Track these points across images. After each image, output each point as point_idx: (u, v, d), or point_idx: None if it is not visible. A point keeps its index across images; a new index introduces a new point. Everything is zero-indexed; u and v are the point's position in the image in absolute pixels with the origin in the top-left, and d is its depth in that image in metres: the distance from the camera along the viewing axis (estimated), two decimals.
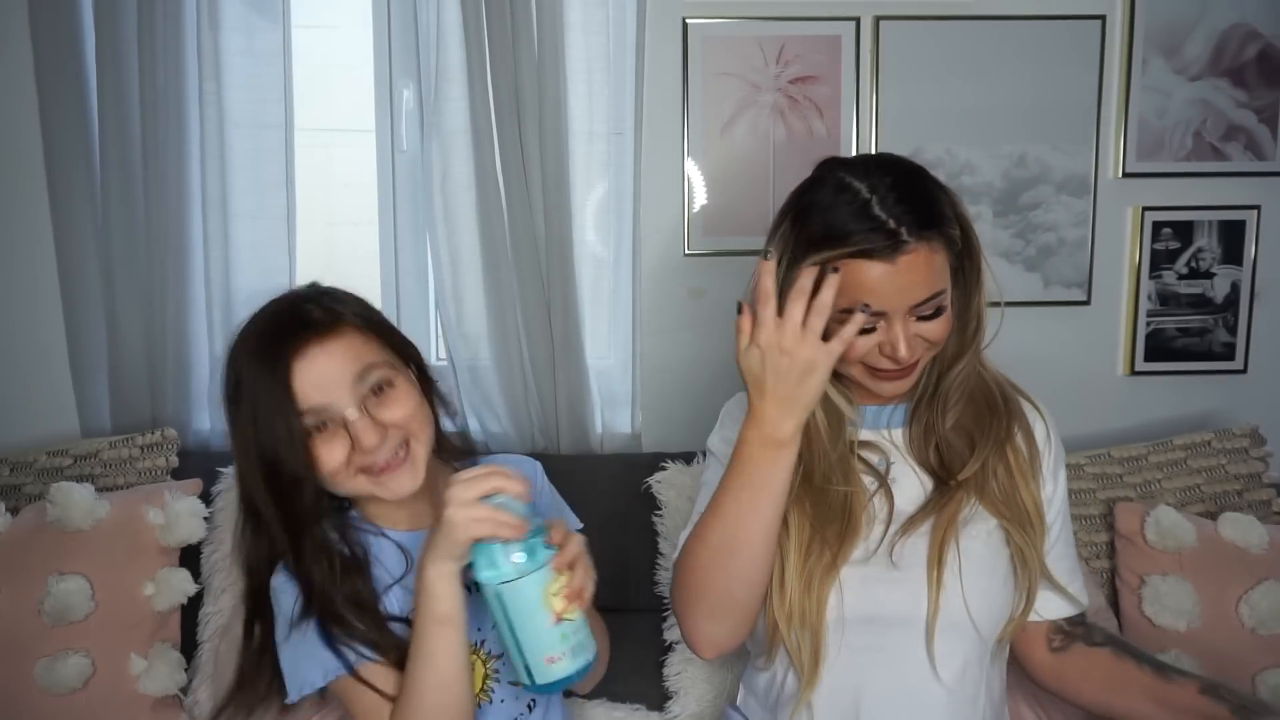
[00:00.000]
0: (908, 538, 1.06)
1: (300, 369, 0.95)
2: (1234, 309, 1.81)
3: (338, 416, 0.97)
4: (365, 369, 0.98)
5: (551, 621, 0.90)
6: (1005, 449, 1.09)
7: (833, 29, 1.74)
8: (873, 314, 0.99)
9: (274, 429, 0.96)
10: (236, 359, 1.00)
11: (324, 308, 1.00)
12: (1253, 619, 1.42)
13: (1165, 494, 1.60)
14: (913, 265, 0.98)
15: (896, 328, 1.00)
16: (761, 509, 0.99)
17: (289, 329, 0.98)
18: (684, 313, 1.81)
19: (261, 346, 0.98)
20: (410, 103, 1.78)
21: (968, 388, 1.10)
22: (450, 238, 1.72)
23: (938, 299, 1.01)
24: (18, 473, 1.63)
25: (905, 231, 0.97)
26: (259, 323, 1.01)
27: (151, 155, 1.68)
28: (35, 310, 1.77)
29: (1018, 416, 1.11)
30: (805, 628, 1.04)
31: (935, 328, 1.03)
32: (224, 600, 1.50)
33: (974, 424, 1.09)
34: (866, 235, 0.97)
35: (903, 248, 0.97)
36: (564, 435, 1.75)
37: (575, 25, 1.68)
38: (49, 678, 1.40)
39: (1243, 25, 1.75)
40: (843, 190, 1.00)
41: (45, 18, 1.67)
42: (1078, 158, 1.77)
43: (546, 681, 0.92)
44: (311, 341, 0.96)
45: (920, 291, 0.99)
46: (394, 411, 1.00)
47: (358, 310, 1.03)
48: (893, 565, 1.05)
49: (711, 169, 1.77)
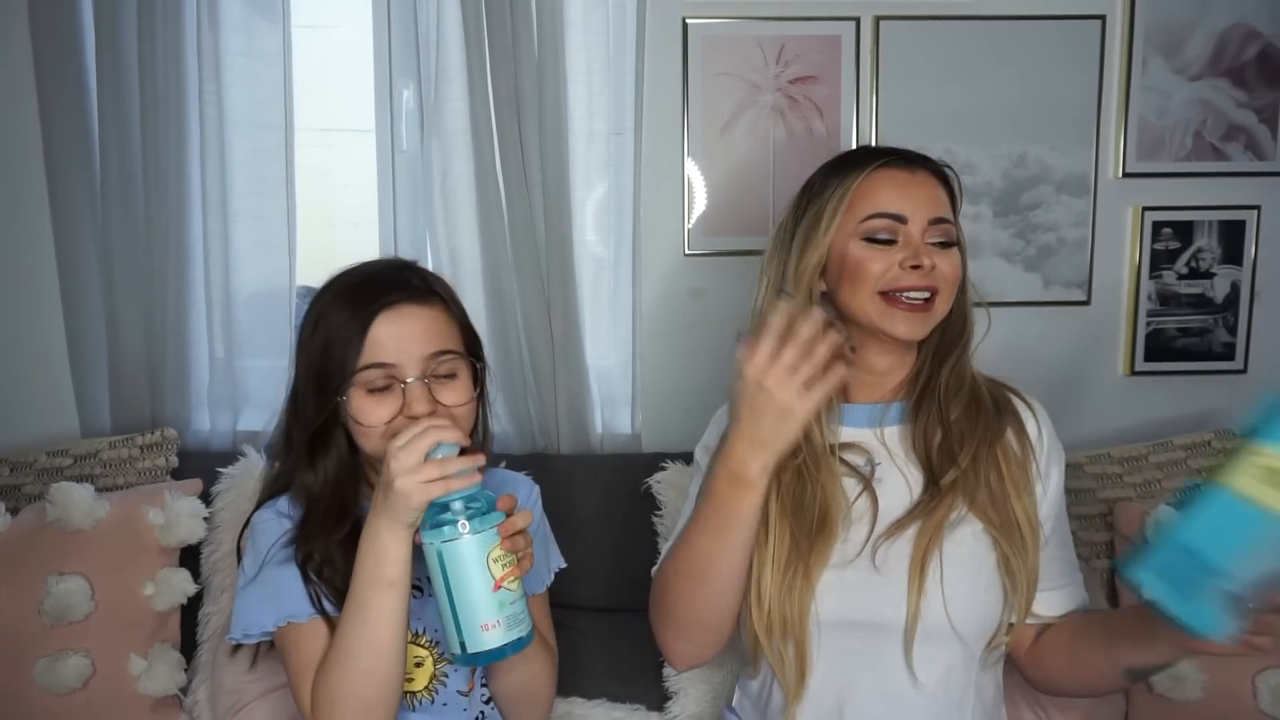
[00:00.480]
0: (892, 542, 1.04)
1: (385, 320, 0.98)
2: (1234, 309, 1.81)
3: (400, 378, 0.98)
4: (441, 351, 1.00)
5: (491, 587, 0.90)
6: (996, 451, 1.07)
7: (833, 29, 1.74)
8: (893, 220, 1.04)
9: (339, 361, 0.98)
10: (323, 297, 1.03)
11: (424, 280, 1.04)
12: None
13: (1165, 494, 1.60)
14: (928, 183, 1.07)
15: (916, 237, 1.05)
16: (728, 545, 0.99)
17: (386, 285, 1.01)
18: (684, 313, 1.81)
19: (354, 292, 1.00)
20: (410, 103, 1.78)
21: (967, 379, 1.10)
22: (450, 238, 1.72)
23: (950, 226, 1.07)
24: (18, 473, 1.63)
25: (918, 160, 1.08)
26: (356, 273, 1.04)
27: (151, 155, 1.68)
28: (35, 310, 1.77)
29: (1009, 415, 1.10)
30: (788, 638, 1.03)
31: (950, 261, 1.06)
32: (224, 600, 1.50)
33: (965, 424, 1.08)
34: (885, 155, 1.08)
35: (918, 165, 1.08)
36: (564, 435, 1.75)
37: (575, 25, 1.68)
38: (49, 678, 1.40)
39: (1243, 25, 1.75)
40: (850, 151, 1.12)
41: (45, 18, 1.67)
42: (1078, 158, 1.77)
43: (478, 650, 0.91)
44: (404, 301, 0.99)
45: (937, 207, 1.06)
46: (453, 396, 1.01)
47: (451, 297, 1.06)
48: (875, 569, 1.03)
49: (711, 169, 1.77)
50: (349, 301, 1.00)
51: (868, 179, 1.07)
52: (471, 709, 1.10)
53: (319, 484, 1.04)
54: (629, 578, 1.58)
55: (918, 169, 1.08)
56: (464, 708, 1.09)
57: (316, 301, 1.04)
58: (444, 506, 0.91)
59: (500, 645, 0.91)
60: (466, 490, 0.91)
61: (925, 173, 1.08)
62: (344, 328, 0.98)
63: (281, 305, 1.75)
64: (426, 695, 1.06)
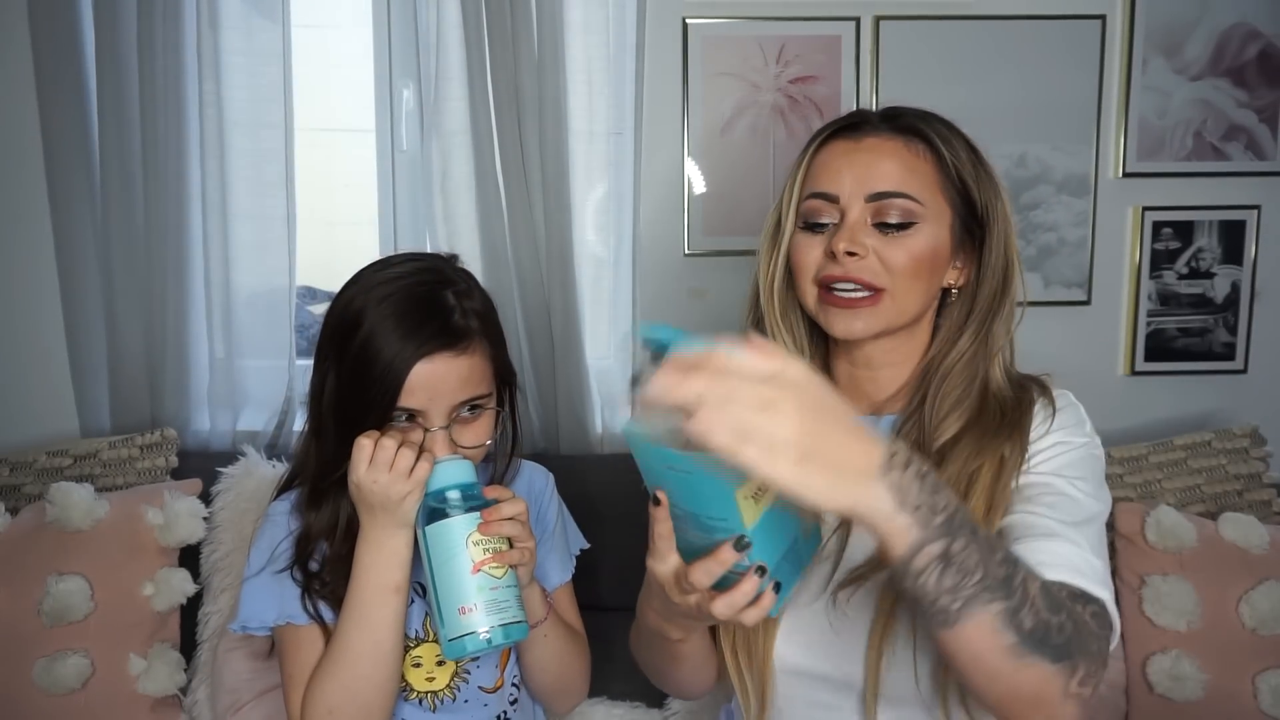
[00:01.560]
0: (858, 589, 0.90)
1: (420, 371, 0.95)
2: (1234, 309, 1.81)
3: (424, 425, 0.98)
4: (472, 398, 0.99)
5: (470, 570, 0.90)
6: (987, 479, 0.90)
7: (833, 29, 1.74)
8: (822, 200, 0.92)
9: (369, 392, 0.96)
10: (367, 307, 0.97)
11: (465, 312, 0.99)
12: (1253, 619, 1.42)
13: (1165, 494, 1.60)
14: (879, 149, 0.91)
15: (851, 217, 0.90)
16: (678, 653, 0.94)
17: (429, 324, 0.96)
18: (684, 313, 1.81)
19: (400, 323, 0.96)
20: (410, 103, 1.78)
21: (967, 398, 0.94)
22: (450, 238, 1.72)
23: (905, 204, 0.90)
24: (17, 473, 1.63)
25: (877, 119, 0.92)
26: (402, 286, 0.98)
27: (151, 155, 1.68)
28: (35, 310, 1.77)
29: (1015, 430, 0.93)
30: (751, 668, 0.95)
31: (898, 249, 0.90)
32: (224, 600, 1.50)
33: (957, 448, 0.92)
34: (837, 121, 0.95)
35: (868, 129, 0.92)
36: (564, 435, 1.75)
37: (575, 25, 1.68)
38: (48, 678, 1.39)
39: (1243, 25, 1.75)
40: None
41: (45, 18, 1.67)
42: (1078, 158, 1.77)
43: (457, 634, 0.90)
44: (443, 351, 0.96)
45: (881, 180, 0.90)
46: (472, 437, 1.01)
47: (489, 324, 1.03)
48: (836, 616, 0.91)
49: (711, 169, 1.77)
50: (393, 331, 0.95)
51: (814, 155, 0.95)
52: (494, 706, 1.09)
53: (325, 525, 1.04)
54: (628, 577, 1.57)
55: (867, 134, 0.92)
56: (485, 703, 1.08)
57: (354, 303, 0.98)
58: (438, 497, 0.93)
59: (476, 632, 0.89)
60: (454, 481, 0.93)
61: (876, 138, 0.92)
62: (384, 366, 0.95)
63: (281, 305, 1.74)
64: (449, 693, 1.07)
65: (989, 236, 0.95)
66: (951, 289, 0.99)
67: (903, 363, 0.99)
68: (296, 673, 1.00)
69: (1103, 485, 0.94)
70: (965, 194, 0.94)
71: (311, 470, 1.04)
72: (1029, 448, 0.92)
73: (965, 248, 0.97)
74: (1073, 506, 0.88)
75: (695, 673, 1.00)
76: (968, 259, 0.98)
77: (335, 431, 0.99)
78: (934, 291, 0.97)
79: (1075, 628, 0.74)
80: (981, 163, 0.95)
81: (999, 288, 0.95)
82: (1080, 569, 0.82)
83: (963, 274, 0.98)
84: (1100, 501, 0.92)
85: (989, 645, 0.70)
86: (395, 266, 1.02)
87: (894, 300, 0.92)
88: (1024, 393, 0.97)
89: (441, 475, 0.94)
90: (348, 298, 1.00)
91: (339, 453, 0.97)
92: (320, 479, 1.02)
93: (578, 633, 1.16)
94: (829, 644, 0.91)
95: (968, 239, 0.96)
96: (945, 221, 0.94)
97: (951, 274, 0.98)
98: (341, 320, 0.99)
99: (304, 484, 1.06)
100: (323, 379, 1.00)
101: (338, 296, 1.02)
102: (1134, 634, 1.45)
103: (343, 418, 0.98)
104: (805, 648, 0.93)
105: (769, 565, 0.73)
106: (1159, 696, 1.42)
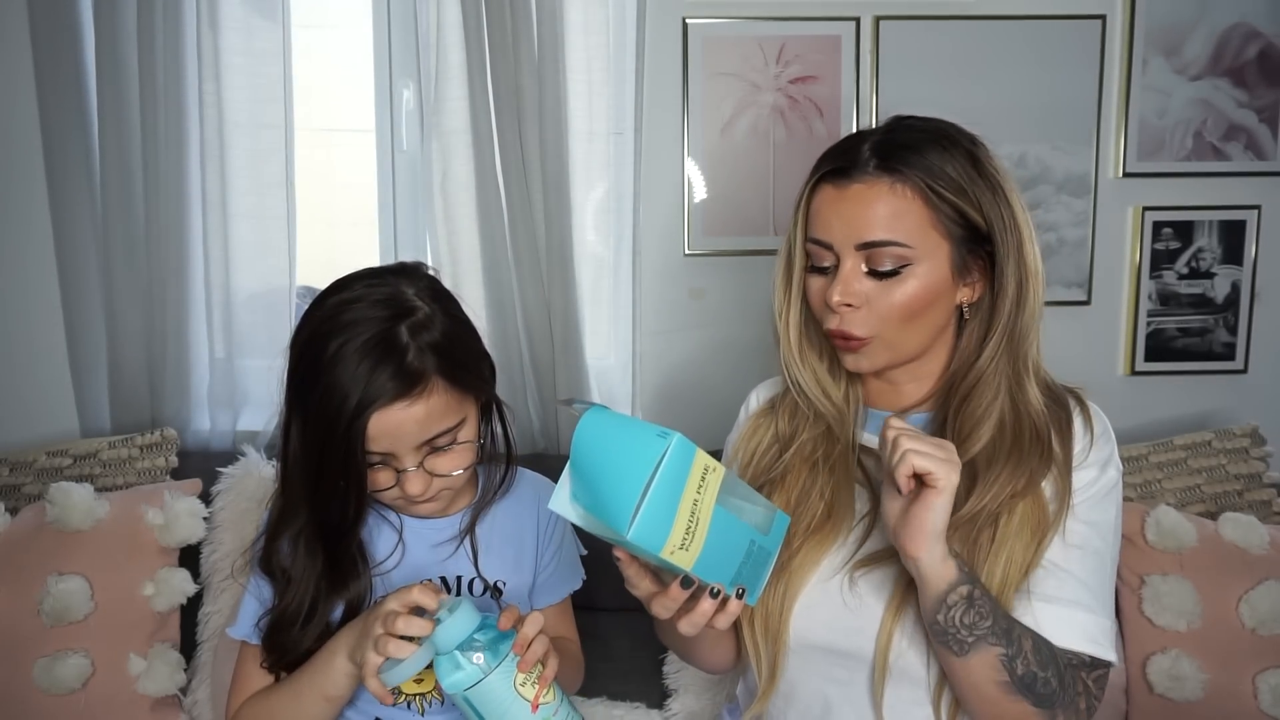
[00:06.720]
0: (873, 570, 0.95)
1: (377, 422, 0.93)
2: (1234, 309, 1.81)
3: (396, 466, 0.98)
4: (437, 434, 0.98)
5: (530, 711, 0.87)
6: (1021, 502, 0.93)
7: (833, 29, 1.74)
8: (821, 247, 0.94)
9: (335, 452, 0.95)
10: (321, 355, 0.93)
11: (420, 350, 0.94)
12: (1253, 619, 1.42)
13: (1165, 494, 1.60)
14: (864, 197, 0.91)
15: (846, 267, 0.92)
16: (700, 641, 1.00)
17: (379, 373, 0.92)
18: (684, 313, 1.81)
19: (351, 375, 0.92)
20: (410, 103, 1.78)
21: (995, 409, 0.95)
22: (450, 238, 1.72)
23: (895, 250, 0.91)
24: (17, 473, 1.63)
25: (866, 160, 0.91)
26: (355, 330, 0.94)
27: (151, 155, 1.68)
28: (35, 310, 1.77)
29: (1050, 453, 0.95)
30: (766, 640, 0.98)
31: (891, 295, 0.92)
32: (223, 600, 1.50)
33: (990, 462, 0.93)
34: (830, 159, 0.94)
35: (854, 174, 0.91)
36: (564, 435, 1.75)
37: (575, 25, 1.68)
38: (48, 678, 1.39)
39: (1243, 25, 1.75)
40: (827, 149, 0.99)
41: (45, 18, 1.67)
42: (1078, 157, 1.77)
43: None
44: (396, 401, 0.93)
45: (868, 230, 0.90)
46: (450, 465, 1.00)
47: (451, 353, 0.97)
48: (850, 594, 0.95)
49: (711, 169, 1.77)
50: (349, 384, 0.92)
51: (811, 196, 0.96)
52: None
53: (299, 562, 1.03)
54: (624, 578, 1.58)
55: (854, 179, 0.91)
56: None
57: (313, 343, 0.95)
58: (467, 648, 0.87)
59: None
60: (469, 629, 0.88)
61: (862, 183, 0.91)
62: (344, 424, 0.93)
63: (281, 305, 1.74)
64: (436, 695, 1.07)
65: (998, 249, 0.94)
66: (965, 306, 0.98)
67: (925, 377, 1.02)
68: (243, 680, 1.07)
69: (1120, 511, 1.01)
70: (963, 219, 0.93)
71: (287, 516, 1.04)
72: (1071, 477, 0.96)
73: (974, 266, 0.96)
74: (1098, 566, 0.96)
75: (713, 652, 1.07)
76: (981, 274, 0.97)
77: (302, 482, 1.00)
78: (938, 321, 0.97)
79: (1060, 684, 0.89)
80: (984, 175, 0.93)
81: (1017, 296, 0.95)
82: (1096, 638, 0.93)
83: (976, 289, 0.98)
84: (1118, 533, 1.00)
85: (987, 678, 0.87)
86: (351, 297, 0.97)
87: (885, 343, 0.95)
88: (1061, 409, 0.99)
89: (454, 630, 0.87)
90: (303, 340, 0.97)
91: (314, 501, 1.00)
92: (287, 526, 1.03)
93: (572, 641, 1.19)
94: (844, 621, 0.96)
95: (974, 258, 0.96)
96: (942, 255, 0.93)
97: (964, 292, 0.97)
98: (298, 367, 0.97)
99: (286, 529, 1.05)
100: (287, 432, 1.00)
101: (296, 333, 0.99)
102: (1134, 634, 1.45)
103: (313, 470, 0.98)
104: (822, 624, 0.97)
105: (725, 583, 0.81)
106: (1159, 696, 1.42)
